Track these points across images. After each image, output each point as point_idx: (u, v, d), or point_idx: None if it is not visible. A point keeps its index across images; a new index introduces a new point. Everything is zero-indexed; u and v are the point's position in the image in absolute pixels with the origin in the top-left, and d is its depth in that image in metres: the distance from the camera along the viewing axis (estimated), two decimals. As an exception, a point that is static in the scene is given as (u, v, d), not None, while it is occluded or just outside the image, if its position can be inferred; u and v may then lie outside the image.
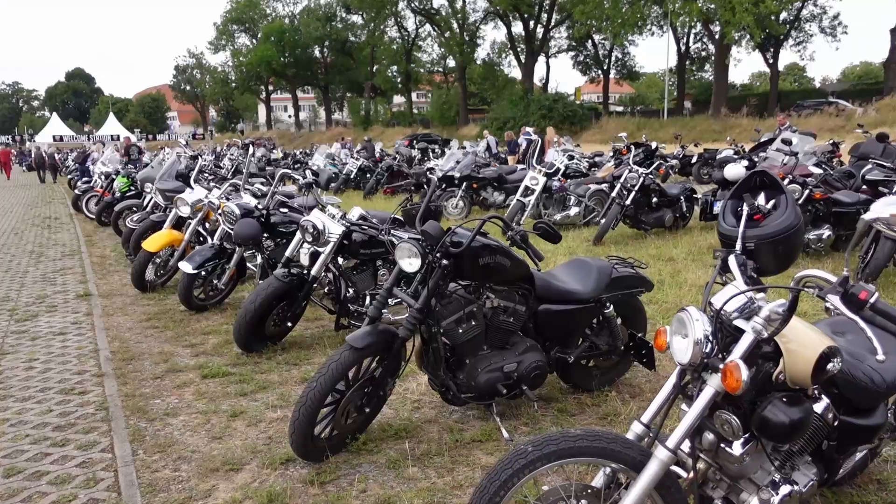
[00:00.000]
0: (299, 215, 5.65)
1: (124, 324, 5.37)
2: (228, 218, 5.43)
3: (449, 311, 3.02)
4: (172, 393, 3.85)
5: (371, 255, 4.56)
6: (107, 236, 10.54)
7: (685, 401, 1.99)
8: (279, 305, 4.43)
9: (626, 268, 3.61)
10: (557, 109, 38.30)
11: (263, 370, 4.17)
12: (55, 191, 21.99)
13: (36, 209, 15.86)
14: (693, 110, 44.95)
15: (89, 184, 13.62)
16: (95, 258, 8.56)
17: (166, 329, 5.16)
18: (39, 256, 8.87)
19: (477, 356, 3.14)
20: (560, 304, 3.33)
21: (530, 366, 3.20)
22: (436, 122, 49.44)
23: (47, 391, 3.94)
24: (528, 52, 44.78)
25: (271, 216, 5.53)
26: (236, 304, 5.87)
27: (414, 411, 3.52)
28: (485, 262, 2.98)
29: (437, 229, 2.90)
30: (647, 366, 3.60)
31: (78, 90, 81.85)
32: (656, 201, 9.15)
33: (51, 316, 5.70)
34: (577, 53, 53.01)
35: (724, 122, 33.37)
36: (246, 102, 68.50)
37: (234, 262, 5.60)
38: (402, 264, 2.94)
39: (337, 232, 4.37)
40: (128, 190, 10.75)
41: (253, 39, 58.91)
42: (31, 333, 5.18)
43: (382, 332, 2.92)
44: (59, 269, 7.93)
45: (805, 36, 42.58)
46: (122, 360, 4.42)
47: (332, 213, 4.49)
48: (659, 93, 73.61)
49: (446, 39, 48.16)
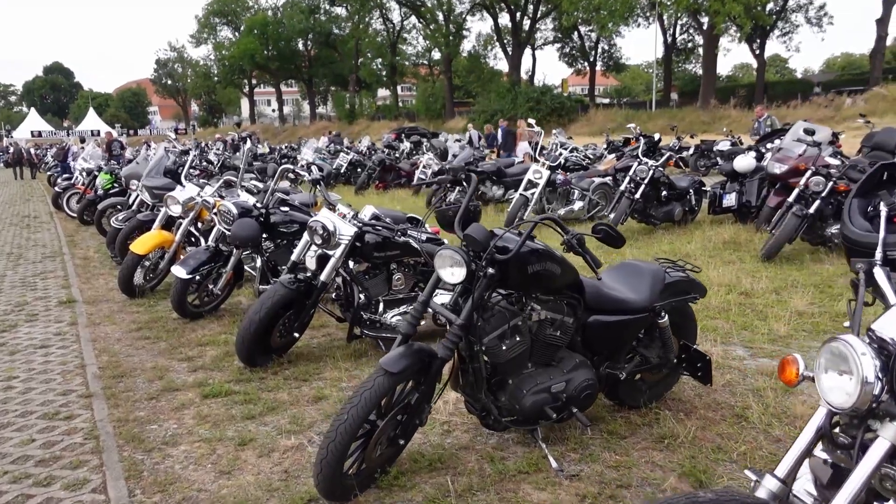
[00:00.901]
0: (301, 214, 5.25)
1: (112, 334, 4.93)
2: (225, 218, 5.00)
3: (492, 326, 2.64)
4: (170, 416, 3.44)
5: (385, 258, 4.17)
6: (90, 236, 10.03)
7: (829, 450, 1.61)
8: (286, 315, 4.02)
9: (677, 272, 3.25)
10: (545, 102, 38.04)
11: (270, 387, 3.77)
12: (34, 188, 21.26)
13: (14, 207, 15.23)
14: (679, 102, 44.93)
15: (70, 181, 13.04)
16: (78, 260, 8.07)
17: (159, 340, 4.74)
18: (18, 259, 8.36)
19: (521, 375, 2.77)
20: (612, 314, 2.97)
21: (580, 385, 2.84)
22: (422, 116, 48.93)
23: (28, 416, 3.51)
24: (515, 43, 44.41)
25: (271, 215, 5.12)
26: (233, 310, 5.45)
27: (445, 436, 3.14)
28: (534, 270, 2.60)
29: (484, 234, 2.52)
30: (702, 380, 3.26)
31: (56, 85, 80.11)
32: (665, 195, 8.83)
33: (31, 326, 5.24)
34: (563, 45, 52.76)
35: (712, 113, 33.29)
36: (229, 97, 67.48)
37: (232, 265, 5.17)
38: (442, 274, 2.55)
39: (349, 233, 3.97)
40: (111, 187, 10.24)
41: (235, 32, 57.94)
42: (10, 346, 4.72)
43: (419, 353, 2.54)
44: (40, 272, 7.44)
45: (791, 26, 42.70)
46: (111, 378, 3.99)
47: (343, 213, 4.09)
48: (644, 84, 73.78)
49: (432, 32, 47.61)
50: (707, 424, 3.15)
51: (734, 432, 3.06)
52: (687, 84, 51.98)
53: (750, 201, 8.82)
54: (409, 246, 4.21)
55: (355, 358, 4.21)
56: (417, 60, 56.77)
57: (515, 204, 9.35)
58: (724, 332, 4.49)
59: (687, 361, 3.27)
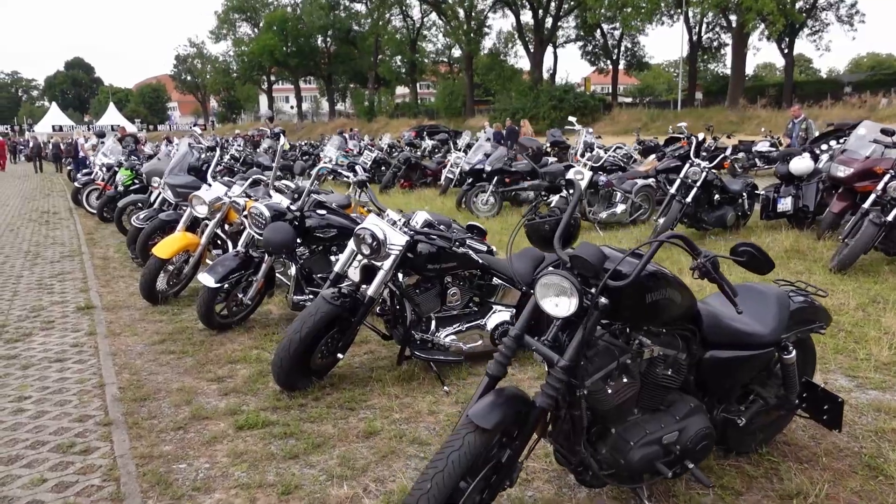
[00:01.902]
0: (339, 218, 4.80)
1: (134, 347, 4.50)
2: (256, 221, 4.56)
3: (595, 366, 2.15)
4: (201, 452, 2.99)
5: (439, 270, 3.69)
6: (109, 234, 9.67)
7: None
8: (329, 333, 3.56)
9: (800, 295, 2.74)
10: (568, 100, 37.37)
11: (313, 417, 3.31)
12: (54, 182, 21.08)
13: (34, 202, 14.97)
14: (704, 101, 44.12)
15: (90, 176, 12.73)
16: (98, 260, 7.69)
17: (185, 355, 4.30)
18: (36, 258, 8.00)
19: (626, 424, 2.28)
20: (732, 349, 2.47)
21: (696, 434, 2.34)
22: (442, 114, 48.47)
23: (40, 448, 3.08)
24: (537, 41, 43.77)
25: (306, 219, 4.66)
26: (263, 320, 5.01)
27: (524, 486, 2.66)
28: (653, 299, 2.11)
29: (598, 255, 2.02)
30: (828, 425, 2.75)
31: (77, 80, 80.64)
32: (718, 198, 8.27)
33: (47, 335, 4.83)
34: (585, 43, 51.99)
35: (741, 113, 32.45)
36: (247, 93, 67.46)
37: (263, 273, 4.72)
38: (544, 305, 2.06)
39: (400, 243, 3.50)
40: (131, 183, 9.88)
41: (255, 28, 57.86)
42: (23, 359, 4.31)
43: (513, 402, 2.06)
44: (58, 273, 7.06)
45: (821, 25, 41.64)
46: (133, 401, 3.56)
47: (393, 219, 3.61)
48: (666, 84, 72.66)
49: (453, 28, 47.08)
50: (836, 478, 2.64)
51: (872, 489, 2.55)
52: (712, 84, 51.07)
53: (807, 206, 8.24)
54: (467, 258, 3.73)
55: (405, 381, 3.74)
56: (437, 58, 56.34)
57: (555, 207, 8.85)
58: (818, 357, 3.95)
59: (808, 402, 2.76)
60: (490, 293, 3.98)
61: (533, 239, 2.44)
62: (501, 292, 4.01)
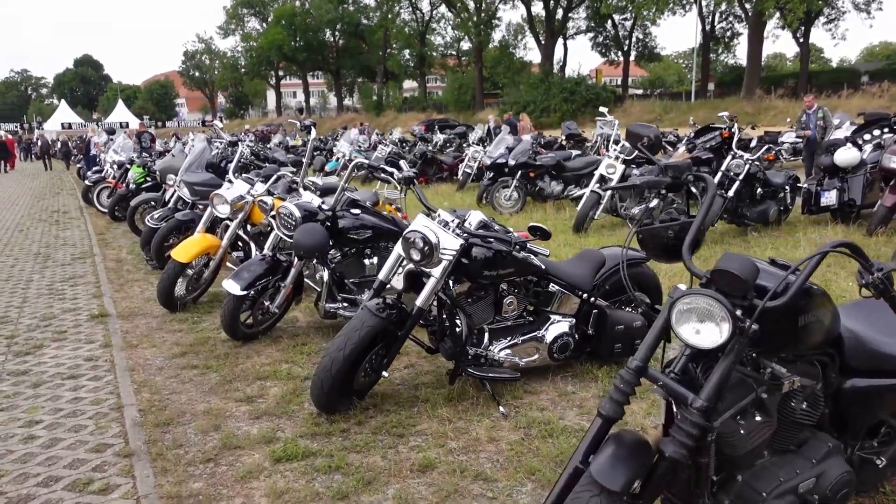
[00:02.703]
0: (374, 218, 4.41)
1: (153, 360, 4.14)
2: (285, 222, 4.18)
3: (727, 402, 1.76)
4: (236, 491, 2.62)
5: (495, 277, 3.30)
6: (121, 233, 9.34)
7: None
8: (374, 349, 3.18)
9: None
10: (580, 92, 36.79)
11: (358, 446, 2.93)
12: (64, 180, 20.83)
13: (43, 201, 14.69)
14: (716, 93, 43.50)
15: (100, 174, 12.40)
16: (110, 262, 7.35)
17: (209, 370, 3.93)
18: (46, 260, 7.67)
19: (754, 470, 1.89)
20: (875, 375, 2.06)
21: (837, 481, 1.94)
22: (451, 107, 48.01)
23: (53, 485, 2.72)
24: (549, 32, 43.15)
25: (339, 219, 4.28)
26: (290, 329, 4.64)
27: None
28: (805, 322, 1.71)
29: (750, 268, 1.62)
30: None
31: (86, 77, 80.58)
32: (760, 192, 7.83)
33: (59, 346, 4.48)
34: (596, 34, 51.29)
35: (757, 104, 31.79)
36: (255, 88, 67.21)
37: (292, 278, 4.34)
38: (683, 334, 1.66)
39: (454, 247, 3.11)
40: (143, 181, 9.54)
41: (263, 23, 57.52)
42: (34, 375, 3.96)
43: (639, 454, 1.67)
44: (69, 276, 6.72)
45: (837, 13, 40.82)
46: (155, 426, 3.19)
47: (445, 220, 3.22)
48: (677, 75, 71.75)
49: (463, 20, 46.54)
50: None
51: None
52: (725, 74, 50.35)
53: (854, 200, 7.80)
54: (527, 263, 3.33)
55: (456, 402, 3.35)
56: (446, 51, 55.83)
57: (586, 203, 8.42)
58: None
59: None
60: (547, 301, 3.58)
61: (650, 247, 2.04)
62: (559, 300, 3.62)
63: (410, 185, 3.66)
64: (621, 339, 3.65)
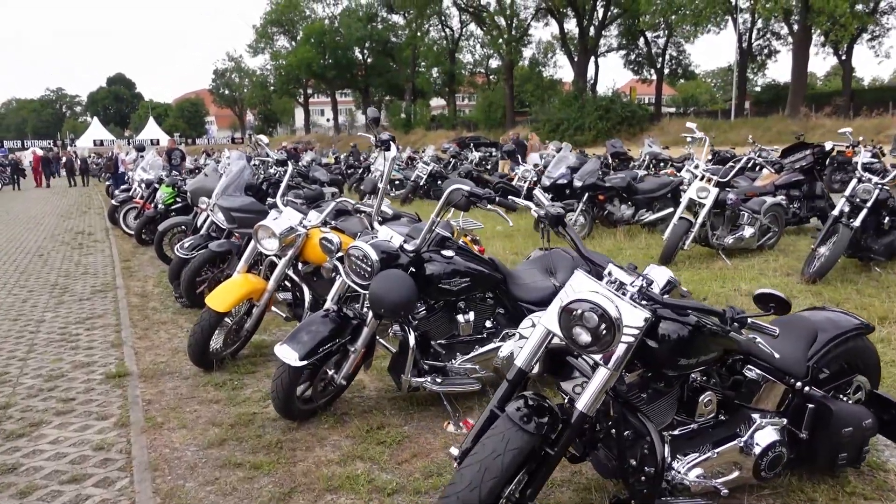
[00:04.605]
0: (472, 262, 3.36)
1: (183, 452, 3.10)
2: (358, 267, 3.15)
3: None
4: None
5: (693, 366, 2.20)
6: (147, 260, 8.45)
7: None
8: (518, 474, 2.10)
9: None
10: (615, 110, 35.75)
11: None
12: (92, 198, 20.24)
13: (69, 221, 13.97)
14: (753, 111, 42.25)
15: (128, 193, 11.61)
16: (135, 297, 6.41)
17: (257, 470, 2.88)
18: (63, 293, 6.76)
19: None
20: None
21: None
22: (481, 125, 47.30)
23: None
24: (582, 49, 42.23)
25: (425, 263, 3.24)
26: (357, 400, 3.59)
27: None
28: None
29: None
30: None
31: (119, 95, 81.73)
32: (887, 221, 6.63)
33: (62, 424, 3.48)
34: (628, 52, 50.28)
35: (803, 122, 30.34)
36: (283, 106, 67.34)
37: (364, 340, 3.30)
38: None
39: (637, 324, 2.03)
40: (173, 202, 8.67)
41: (292, 41, 57.58)
42: (24, 476, 2.94)
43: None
44: (86, 316, 5.78)
45: (882, 30, 39.44)
46: (186, 582, 2.15)
47: (619, 279, 2.14)
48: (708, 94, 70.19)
49: (493, 37, 45.92)
50: None
51: None
52: (762, 92, 49.03)
53: None
54: (738, 344, 2.24)
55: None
56: (474, 69, 55.28)
57: (675, 231, 7.27)
58: None
59: None
60: (749, 394, 2.47)
61: None
62: (761, 392, 2.51)
63: (558, 226, 2.56)
64: (847, 446, 2.54)
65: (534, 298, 3.53)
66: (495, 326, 3.57)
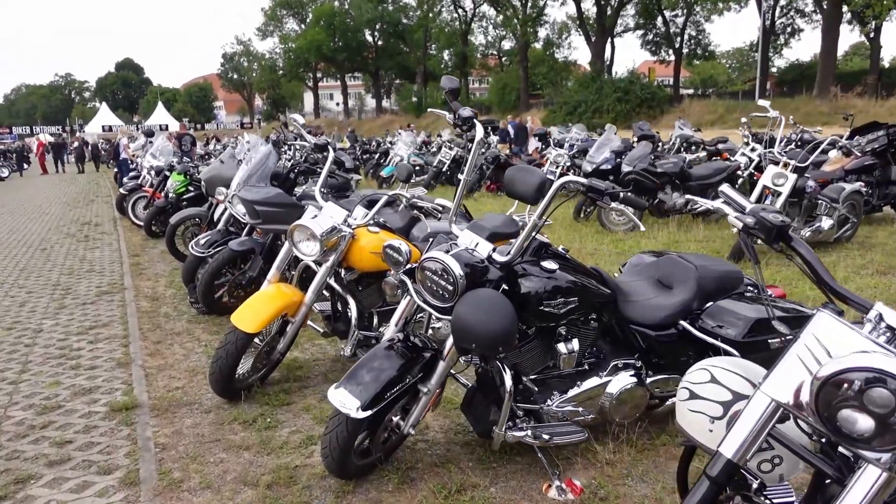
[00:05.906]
0: (580, 276, 2.59)
1: (208, 525, 2.38)
2: (434, 284, 2.39)
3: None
4: None
5: None
6: (159, 255, 7.74)
7: None
8: None
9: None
10: (634, 92, 34.60)
11: None
12: (101, 185, 19.57)
13: (76, 210, 13.29)
14: (777, 91, 41.00)
15: (137, 181, 10.88)
16: (144, 301, 5.69)
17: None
18: (65, 295, 6.06)
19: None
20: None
21: None
22: (495, 108, 46.26)
23: None
24: (599, 30, 40.97)
25: (518, 277, 2.47)
26: (425, 448, 2.84)
27: None
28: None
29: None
30: None
31: (127, 80, 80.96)
32: None
33: (54, 480, 2.75)
34: (645, 32, 48.87)
35: (832, 103, 29.16)
36: (292, 90, 66.32)
37: (439, 379, 2.54)
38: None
39: None
40: (185, 190, 7.93)
41: (302, 24, 56.49)
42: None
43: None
44: (90, 325, 5.06)
45: (909, 8, 37.94)
46: None
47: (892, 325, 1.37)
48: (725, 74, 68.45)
49: (508, 17, 44.72)
50: None
51: None
52: (786, 72, 47.66)
53: None
54: None
55: None
56: (486, 51, 54.05)
57: (748, 222, 6.45)
58: None
59: None
60: None
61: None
62: None
63: (781, 242, 1.75)
64: None
65: (650, 320, 2.77)
66: (596, 355, 2.81)
